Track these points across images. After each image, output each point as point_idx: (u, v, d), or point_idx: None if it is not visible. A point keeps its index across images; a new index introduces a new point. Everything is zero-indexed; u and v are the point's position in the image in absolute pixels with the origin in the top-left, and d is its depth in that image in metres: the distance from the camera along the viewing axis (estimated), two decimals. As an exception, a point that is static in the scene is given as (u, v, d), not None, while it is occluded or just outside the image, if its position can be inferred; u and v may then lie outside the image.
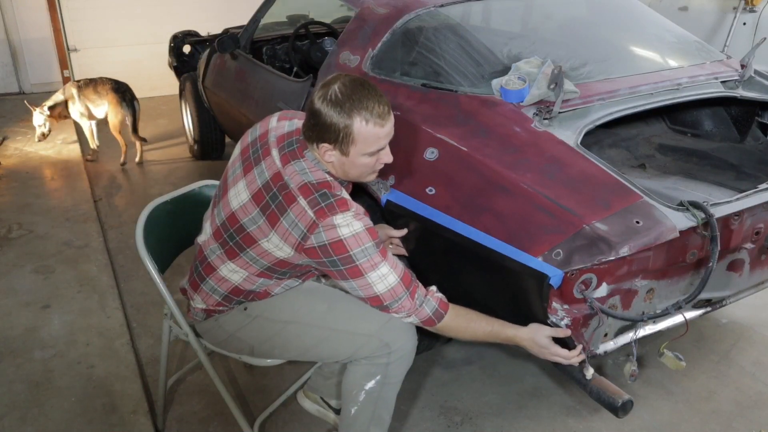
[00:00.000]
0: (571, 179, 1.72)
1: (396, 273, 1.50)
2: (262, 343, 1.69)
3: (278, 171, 1.52)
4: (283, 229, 1.48)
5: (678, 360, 1.75)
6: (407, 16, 2.39)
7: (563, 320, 1.59)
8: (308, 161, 1.53)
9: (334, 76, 1.48)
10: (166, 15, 5.94)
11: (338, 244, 1.45)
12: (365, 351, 1.58)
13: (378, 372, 1.59)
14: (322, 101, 1.45)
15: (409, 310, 1.53)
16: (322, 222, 1.44)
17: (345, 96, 1.43)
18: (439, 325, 1.56)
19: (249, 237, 1.54)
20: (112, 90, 4.21)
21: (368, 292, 1.51)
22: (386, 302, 1.51)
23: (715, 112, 2.57)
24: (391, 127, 1.50)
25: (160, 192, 2.47)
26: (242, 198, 1.56)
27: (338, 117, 1.43)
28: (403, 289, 1.51)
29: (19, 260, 2.96)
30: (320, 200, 1.46)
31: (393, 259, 1.52)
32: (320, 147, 1.48)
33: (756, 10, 5.00)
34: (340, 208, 1.46)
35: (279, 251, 1.52)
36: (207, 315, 1.71)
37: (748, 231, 1.85)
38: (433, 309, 1.55)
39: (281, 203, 1.49)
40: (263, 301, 1.67)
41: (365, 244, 1.46)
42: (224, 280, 1.63)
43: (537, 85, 1.94)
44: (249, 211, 1.54)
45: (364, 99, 1.44)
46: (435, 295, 1.57)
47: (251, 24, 3.45)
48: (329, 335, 1.61)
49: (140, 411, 2.04)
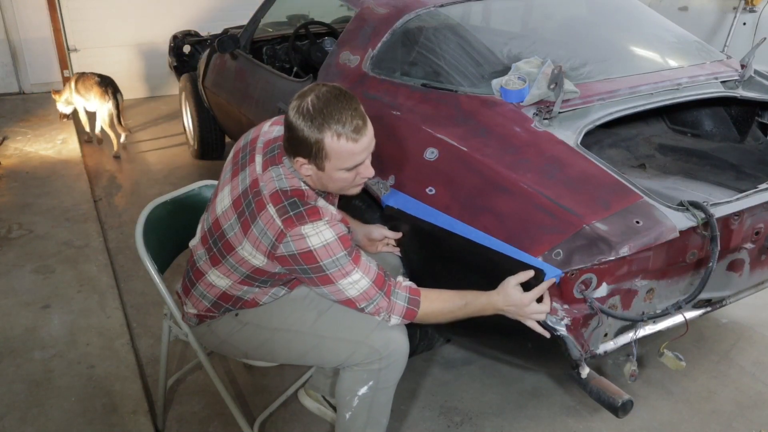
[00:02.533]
0: (571, 179, 1.72)
1: (368, 277, 1.48)
2: (254, 349, 1.70)
3: (257, 177, 1.50)
4: (254, 237, 1.46)
5: (678, 360, 1.75)
6: (407, 16, 2.39)
7: (563, 320, 1.59)
8: (285, 168, 1.50)
9: (311, 86, 1.43)
10: (166, 15, 5.94)
11: (308, 254, 1.42)
12: (357, 357, 1.57)
13: (370, 378, 1.58)
14: (295, 113, 1.39)
15: (387, 310, 1.52)
16: (289, 232, 1.41)
17: (317, 109, 1.37)
18: (419, 315, 1.54)
19: (228, 244, 1.53)
20: (96, 84, 4.40)
21: (340, 297, 1.50)
22: (360, 305, 1.50)
23: (715, 112, 2.57)
24: (368, 141, 1.43)
25: (160, 192, 2.47)
26: (225, 204, 1.55)
27: (309, 131, 1.37)
28: (376, 290, 1.49)
29: (19, 260, 2.96)
30: (289, 209, 1.42)
31: (365, 263, 1.49)
32: (296, 161, 1.45)
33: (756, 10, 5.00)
34: (311, 218, 1.42)
35: (254, 259, 1.50)
36: (199, 320, 1.71)
37: (748, 231, 1.85)
38: (405, 299, 1.53)
39: (253, 210, 1.46)
40: (253, 309, 1.66)
41: (336, 255, 1.43)
42: (212, 286, 1.62)
43: (537, 85, 1.94)
44: (229, 217, 1.53)
45: (335, 113, 1.37)
46: (403, 285, 1.55)
47: (251, 24, 3.45)
48: (319, 342, 1.61)
49: (140, 411, 2.04)
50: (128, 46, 6.01)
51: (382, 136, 2.07)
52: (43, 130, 4.91)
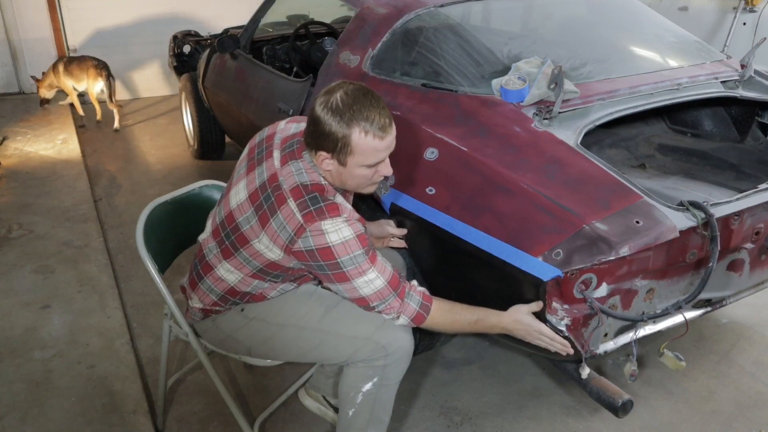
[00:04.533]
0: (571, 179, 1.72)
1: (384, 277, 1.49)
2: (259, 345, 1.69)
3: (275, 171, 1.51)
4: (272, 231, 1.47)
5: (678, 360, 1.75)
6: (407, 16, 2.39)
7: (563, 320, 1.59)
8: (305, 162, 1.51)
9: (338, 83, 1.46)
10: (166, 15, 5.94)
11: (326, 250, 1.43)
12: (362, 354, 1.57)
13: (375, 374, 1.59)
14: (322, 108, 1.42)
15: (398, 310, 1.53)
16: (309, 226, 1.42)
17: (346, 105, 1.40)
18: (427, 321, 1.55)
19: (242, 237, 1.54)
20: (93, 66, 5.01)
21: (354, 295, 1.50)
22: (372, 303, 1.51)
23: (715, 112, 2.57)
24: (392, 139, 1.46)
25: (160, 192, 2.47)
26: (240, 197, 1.56)
27: (337, 126, 1.40)
28: (389, 291, 1.50)
29: (19, 260, 2.96)
30: (310, 203, 1.43)
31: (381, 263, 1.51)
32: (318, 155, 1.46)
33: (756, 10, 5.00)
34: (330, 213, 1.43)
35: (270, 252, 1.51)
36: (204, 315, 1.71)
37: (748, 231, 1.85)
38: (418, 303, 1.54)
39: (273, 204, 1.47)
40: (260, 304, 1.66)
41: (354, 252, 1.44)
42: (221, 280, 1.62)
43: (537, 85, 1.94)
44: (245, 210, 1.53)
45: (365, 109, 1.40)
46: (417, 289, 1.56)
47: (251, 24, 3.45)
48: (326, 338, 1.61)
49: (140, 411, 2.04)
50: (128, 45, 6.01)
51: (382, 136, 2.08)
52: (43, 130, 4.91)
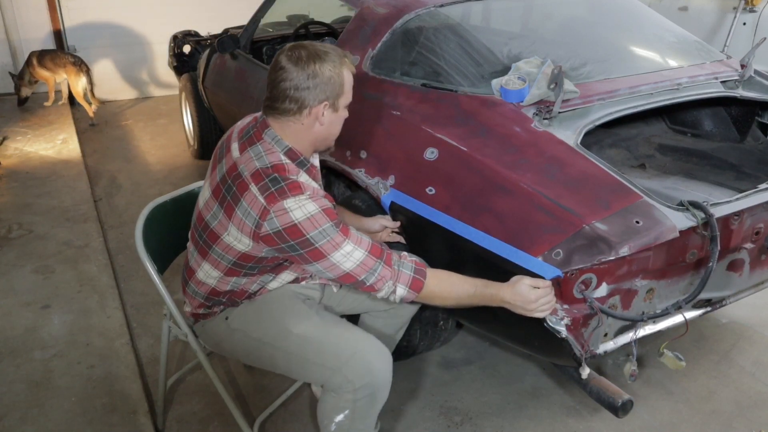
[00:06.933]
0: (571, 179, 1.72)
1: (362, 248, 1.46)
2: (245, 356, 1.71)
3: (234, 162, 1.51)
4: (238, 219, 1.46)
5: (678, 360, 1.75)
6: (407, 16, 2.39)
7: (563, 320, 1.59)
8: (266, 143, 1.50)
9: (286, 47, 1.50)
10: (166, 15, 5.94)
11: (293, 228, 1.41)
12: (331, 384, 1.53)
13: (346, 407, 1.53)
14: (306, 62, 1.44)
15: (392, 278, 1.48)
16: (272, 207, 1.40)
17: (323, 51, 1.46)
18: (425, 289, 1.51)
19: (212, 233, 1.54)
20: (71, 63, 5.04)
21: (337, 272, 1.46)
22: (361, 277, 1.46)
23: (715, 112, 2.57)
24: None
25: (160, 192, 2.47)
26: (206, 195, 1.57)
27: (333, 68, 1.46)
28: (374, 260, 1.46)
29: (19, 260, 2.96)
30: (270, 185, 1.42)
31: (356, 236, 1.47)
32: (313, 110, 1.48)
33: (756, 10, 5.00)
34: (292, 192, 1.41)
35: (239, 244, 1.49)
36: (195, 320, 1.74)
37: (748, 231, 1.85)
38: (411, 269, 1.51)
39: (235, 193, 1.47)
40: (243, 312, 1.65)
41: (322, 226, 1.41)
42: (202, 284, 1.63)
43: (537, 85, 1.94)
44: (211, 207, 1.54)
45: (332, 48, 1.49)
46: (409, 258, 1.54)
47: (251, 24, 3.45)
48: (298, 361, 1.58)
49: (140, 411, 2.04)
50: (128, 45, 6.01)
51: (382, 136, 2.08)
52: (43, 130, 4.91)
